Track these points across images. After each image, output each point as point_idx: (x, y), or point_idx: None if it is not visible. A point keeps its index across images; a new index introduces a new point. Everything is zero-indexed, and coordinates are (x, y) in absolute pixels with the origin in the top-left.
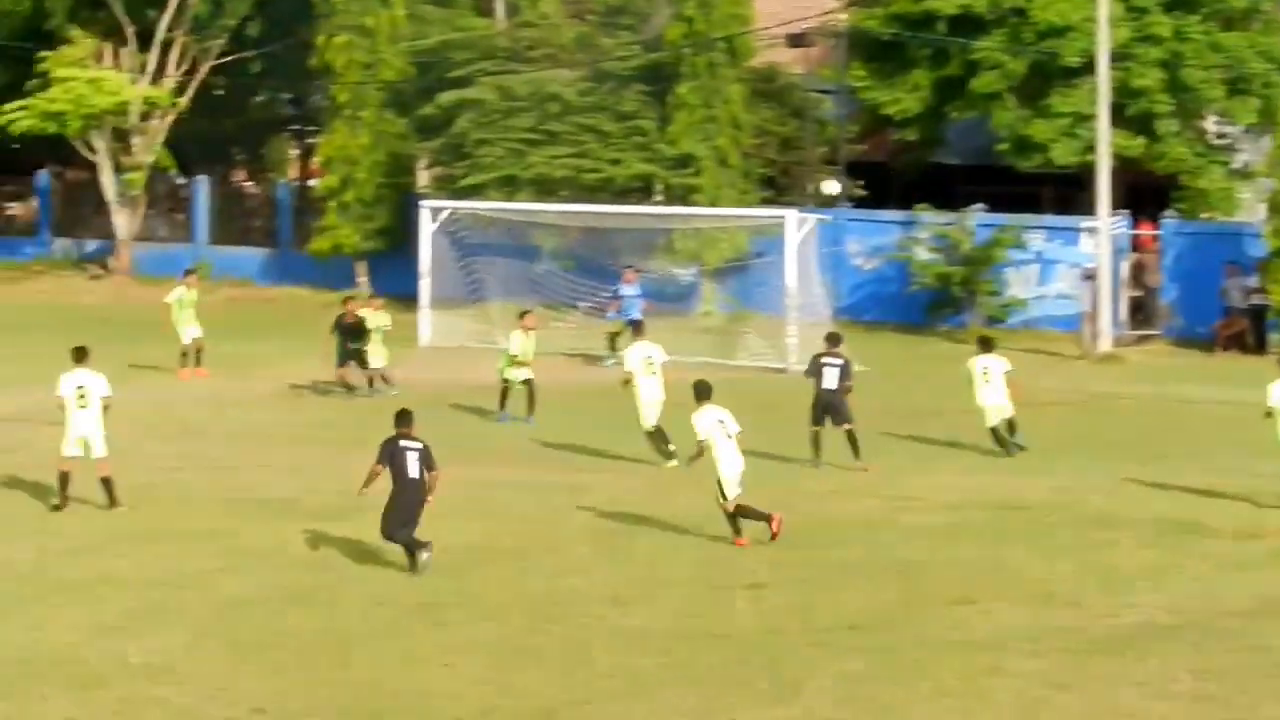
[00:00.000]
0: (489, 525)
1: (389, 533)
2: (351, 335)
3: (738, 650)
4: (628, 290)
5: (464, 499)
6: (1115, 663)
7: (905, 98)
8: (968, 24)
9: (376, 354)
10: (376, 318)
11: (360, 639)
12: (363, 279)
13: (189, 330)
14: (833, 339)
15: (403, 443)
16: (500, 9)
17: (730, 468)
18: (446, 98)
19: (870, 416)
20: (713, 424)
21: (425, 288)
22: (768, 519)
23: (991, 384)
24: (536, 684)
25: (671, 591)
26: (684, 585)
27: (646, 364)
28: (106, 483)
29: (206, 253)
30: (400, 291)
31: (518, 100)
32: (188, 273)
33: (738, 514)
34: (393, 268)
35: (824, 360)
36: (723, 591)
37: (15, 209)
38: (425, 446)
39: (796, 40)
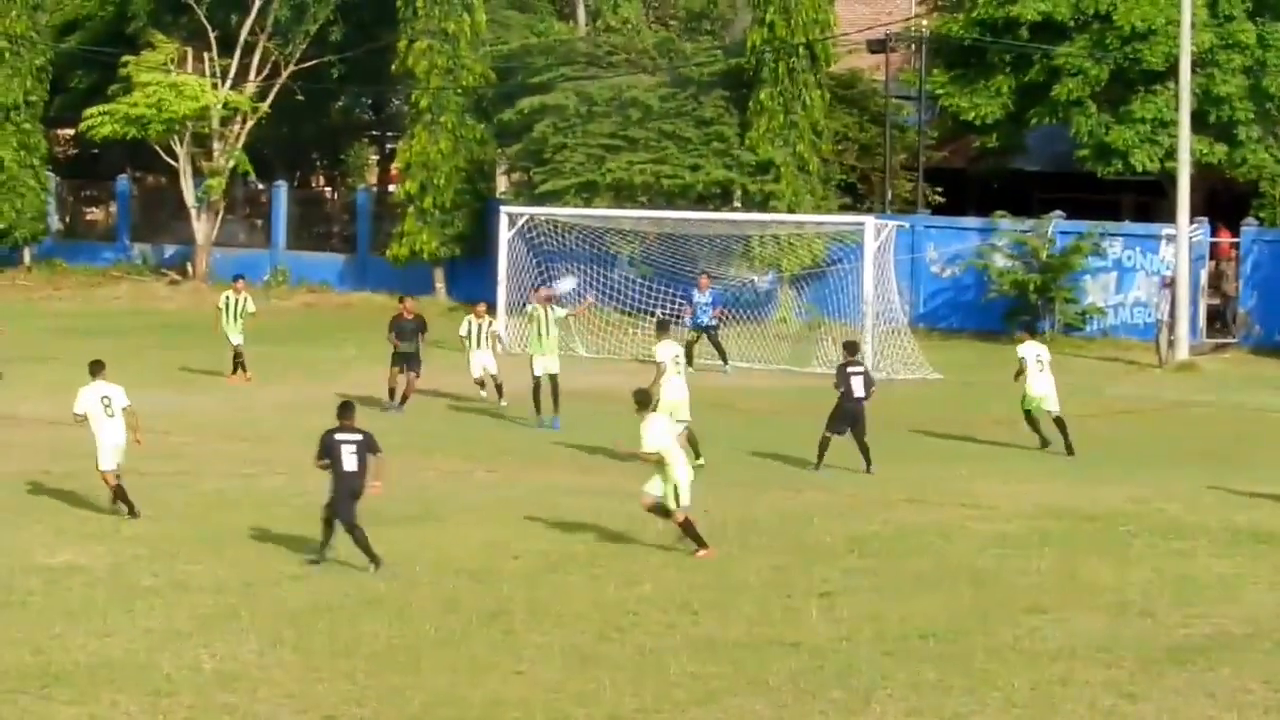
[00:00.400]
0: (560, 532)
1: (336, 518)
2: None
3: (809, 659)
4: (700, 297)
5: (536, 505)
6: (1187, 673)
7: (985, 104)
8: (1049, 29)
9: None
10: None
11: (431, 646)
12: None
13: (236, 336)
14: (851, 347)
15: (339, 435)
16: (581, 14)
17: (684, 476)
18: (526, 103)
19: (947, 424)
20: (663, 433)
21: (503, 294)
22: (703, 545)
23: (1045, 372)
24: (607, 692)
25: (742, 599)
26: (755, 593)
27: (674, 362)
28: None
29: (285, 258)
30: (478, 298)
31: (597, 106)
32: (236, 278)
33: (685, 527)
34: (471, 274)
35: (850, 369)
36: (794, 600)
37: (95, 214)
38: (365, 437)
39: (877, 46)
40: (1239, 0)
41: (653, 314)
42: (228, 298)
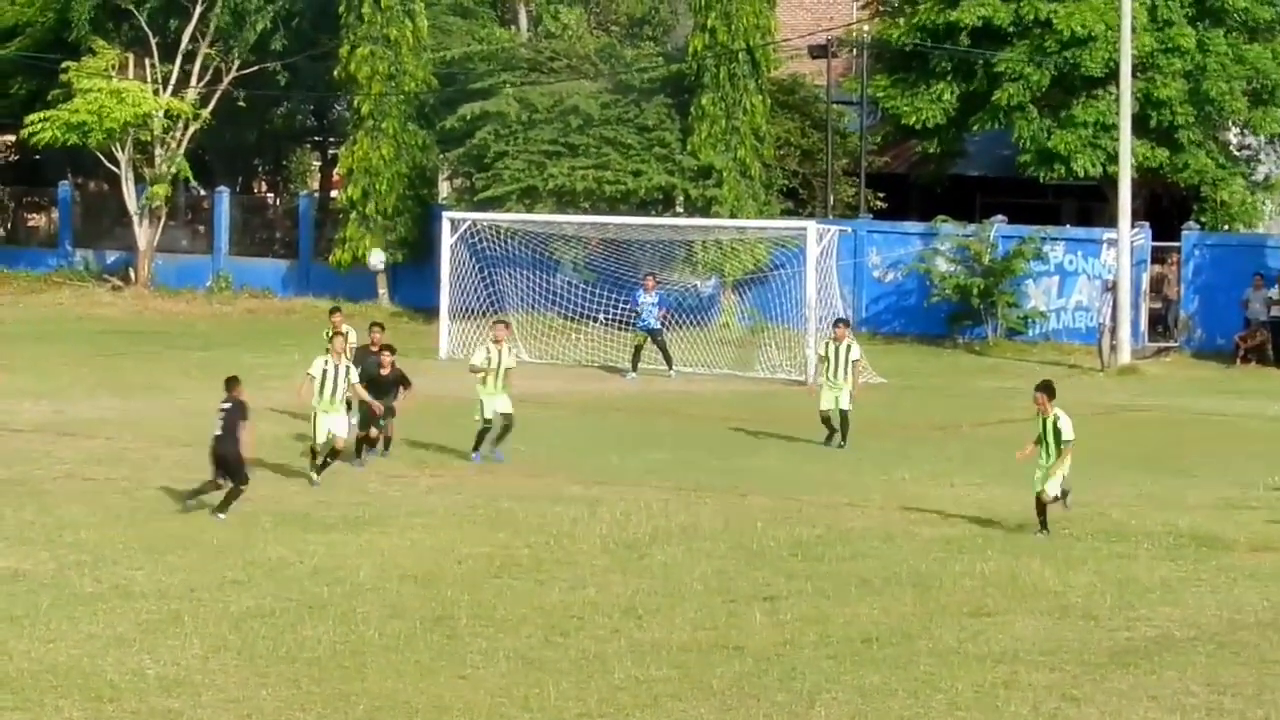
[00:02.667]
0: (505, 537)
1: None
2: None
3: (753, 663)
4: (646, 298)
5: (480, 511)
6: (1130, 676)
7: (927, 109)
8: (990, 35)
9: None
10: None
11: (375, 651)
12: None
13: None
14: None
15: (221, 404)
16: (523, 20)
17: None
18: (468, 109)
19: (889, 428)
20: None
21: (445, 299)
22: None
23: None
24: (552, 696)
25: (687, 604)
26: (699, 598)
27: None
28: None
29: (227, 264)
30: (420, 303)
31: (538, 112)
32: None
33: None
34: (413, 279)
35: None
36: (738, 604)
37: (37, 220)
38: (234, 404)
39: (819, 51)
40: (1178, 5)
41: (595, 319)
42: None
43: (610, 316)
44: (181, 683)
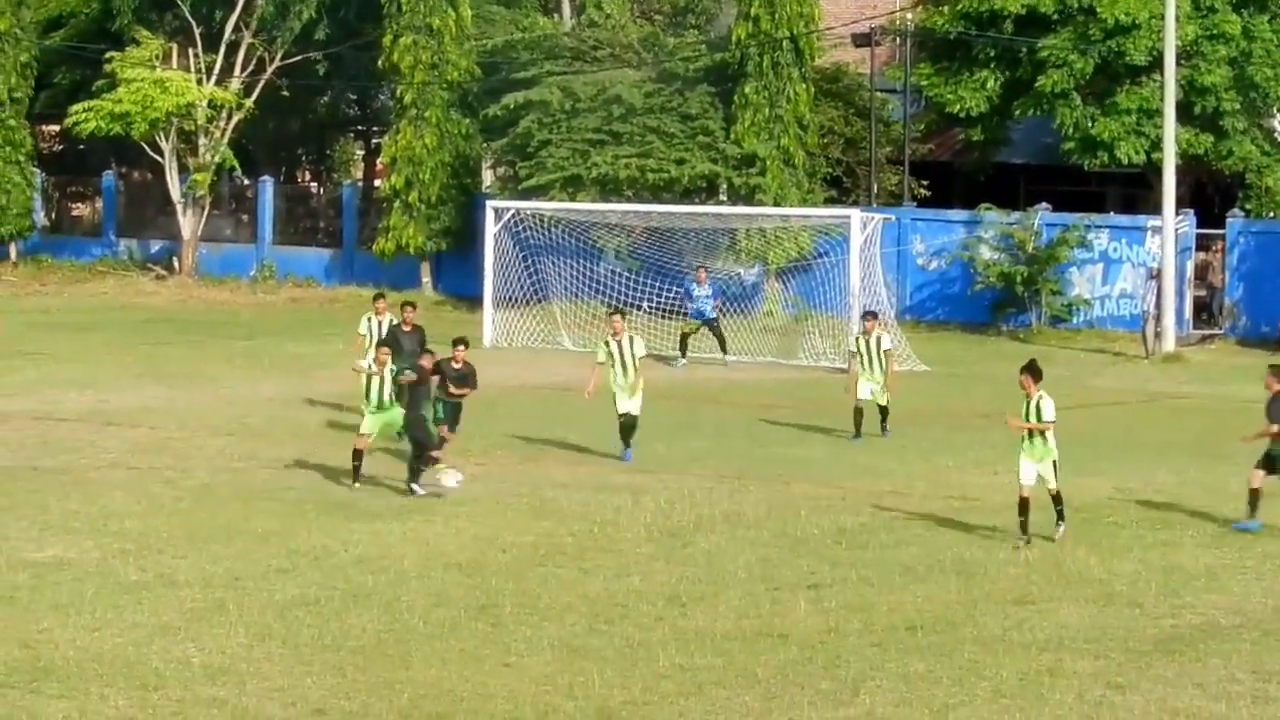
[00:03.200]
0: (549, 525)
1: None
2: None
3: (797, 650)
4: (699, 290)
5: (525, 499)
6: (1175, 663)
7: (970, 97)
8: (1034, 23)
9: None
10: None
11: (419, 639)
12: None
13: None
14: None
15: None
16: (566, 9)
17: None
18: (511, 99)
19: (934, 416)
20: None
21: (489, 288)
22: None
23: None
24: (596, 684)
25: (731, 592)
26: (743, 585)
27: None
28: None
29: (271, 253)
30: (464, 292)
31: (581, 101)
32: (378, 297)
33: None
34: (457, 268)
35: None
36: (782, 592)
37: (81, 209)
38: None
39: (862, 40)
40: None
41: (639, 307)
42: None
43: (655, 305)
44: (226, 671)
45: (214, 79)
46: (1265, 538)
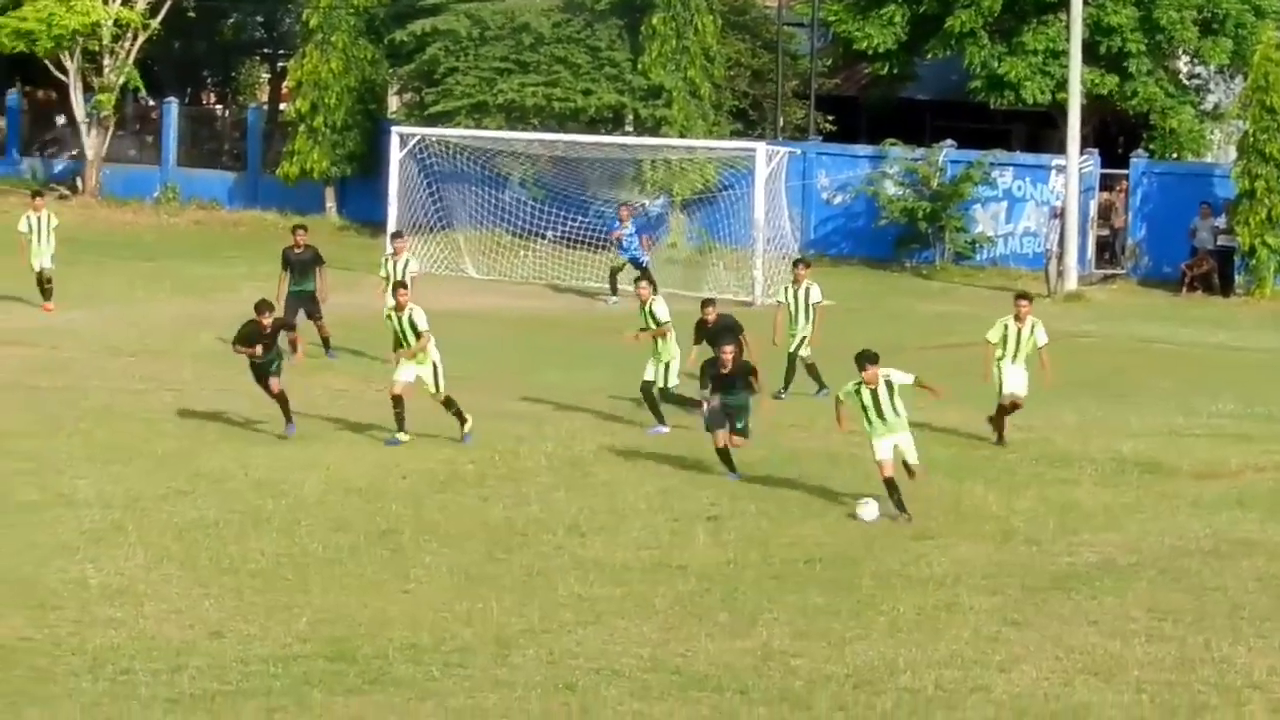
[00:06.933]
0: (449, 453)
1: None
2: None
3: (696, 582)
4: (623, 229)
5: (426, 425)
6: (1071, 600)
7: (878, 33)
8: None
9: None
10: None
11: (318, 564)
12: None
13: (40, 259)
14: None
15: None
16: None
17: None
18: (418, 25)
19: (836, 350)
20: None
21: (393, 214)
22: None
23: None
24: (494, 612)
25: (630, 522)
26: (643, 516)
27: None
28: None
29: (175, 175)
30: (368, 218)
31: (490, 30)
32: (35, 195)
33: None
34: (362, 194)
35: None
36: (682, 523)
37: None
38: None
39: None
40: None
41: (543, 236)
42: (31, 218)
43: (558, 234)
44: (124, 592)
45: None
46: (1163, 478)
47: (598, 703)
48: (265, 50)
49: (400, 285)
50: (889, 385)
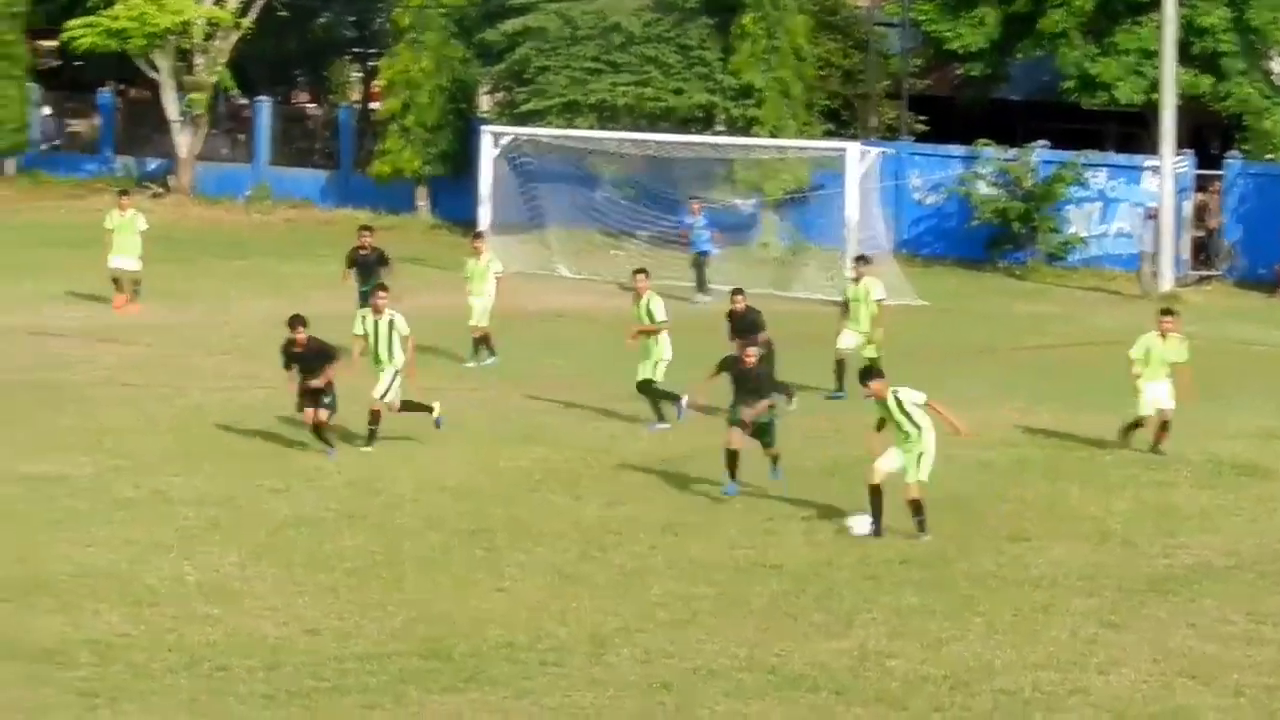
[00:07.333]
0: (543, 451)
1: None
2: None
3: (791, 582)
4: (694, 221)
5: (517, 425)
6: (1169, 603)
7: (970, 33)
8: None
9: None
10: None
11: (413, 562)
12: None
13: (117, 259)
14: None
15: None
16: None
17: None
18: (510, 25)
19: (927, 351)
20: None
21: (485, 213)
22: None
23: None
24: (589, 611)
25: (725, 522)
26: (737, 516)
27: None
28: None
29: (267, 173)
30: (460, 217)
31: (580, 29)
32: (121, 194)
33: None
34: (453, 193)
35: None
36: (776, 522)
37: (78, 126)
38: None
39: None
40: None
41: (635, 235)
42: (114, 217)
43: (650, 234)
44: (220, 589)
45: None
46: (1260, 479)
47: (693, 702)
48: (357, 49)
49: (380, 287)
50: (898, 402)
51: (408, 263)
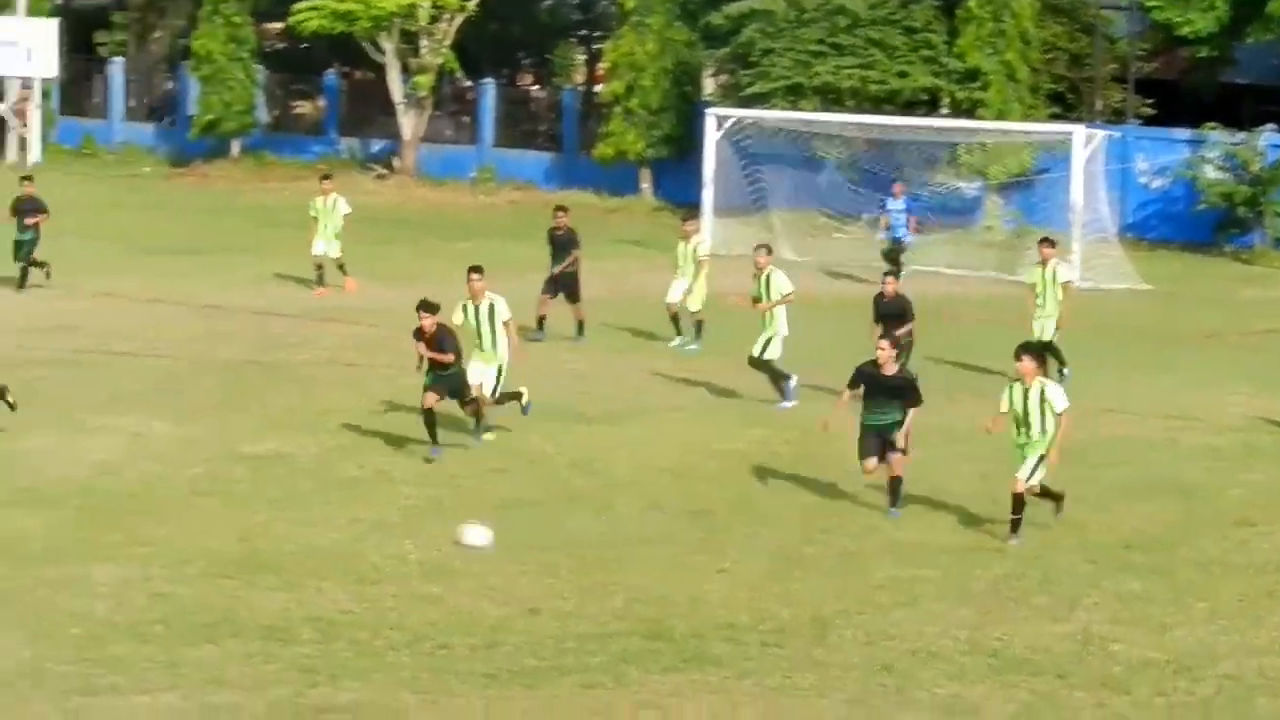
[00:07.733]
0: (761, 433)
1: None
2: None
3: (1013, 565)
4: (894, 205)
5: (735, 406)
6: None
7: (1199, 17)
8: None
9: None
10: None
11: (634, 543)
12: None
13: (320, 243)
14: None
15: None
16: None
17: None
18: (735, 7)
19: (1154, 335)
20: None
21: (709, 196)
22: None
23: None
24: (811, 593)
25: (947, 505)
26: (959, 499)
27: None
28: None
29: (491, 155)
30: (684, 199)
31: (806, 12)
32: (324, 178)
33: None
34: (677, 175)
35: None
36: (999, 506)
37: (303, 108)
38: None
39: None
40: None
41: (859, 218)
42: (317, 202)
43: (873, 215)
44: (442, 568)
45: None
46: None
47: (914, 684)
48: (581, 32)
49: (474, 270)
50: (1041, 393)
51: (630, 245)
